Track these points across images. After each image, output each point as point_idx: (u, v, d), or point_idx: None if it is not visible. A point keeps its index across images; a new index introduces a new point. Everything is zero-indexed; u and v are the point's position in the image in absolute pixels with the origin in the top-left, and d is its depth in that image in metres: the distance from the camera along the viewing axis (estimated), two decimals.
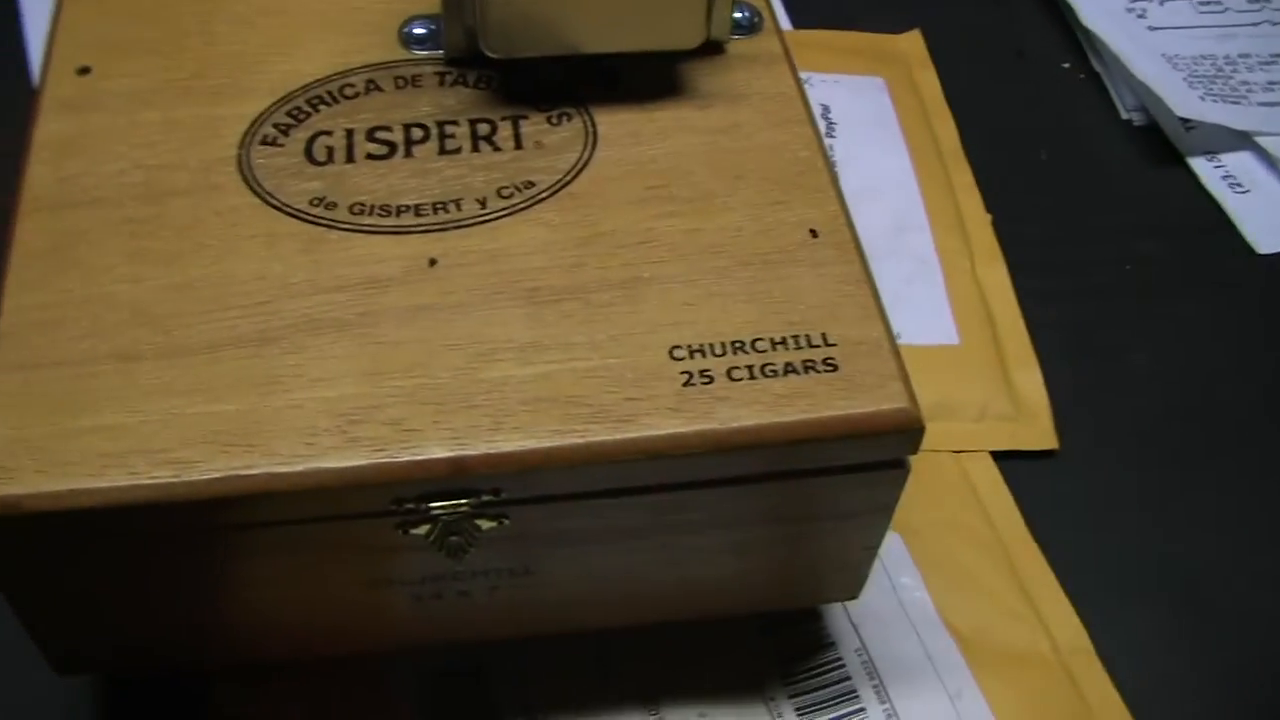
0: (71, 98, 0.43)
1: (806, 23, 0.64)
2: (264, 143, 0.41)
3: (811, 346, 0.37)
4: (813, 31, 0.63)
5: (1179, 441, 0.51)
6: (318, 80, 0.43)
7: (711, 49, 0.44)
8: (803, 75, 0.60)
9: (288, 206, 0.40)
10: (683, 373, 0.36)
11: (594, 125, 0.42)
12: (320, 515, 0.35)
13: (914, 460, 0.49)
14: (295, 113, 0.42)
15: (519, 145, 0.41)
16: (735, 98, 0.43)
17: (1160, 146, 0.61)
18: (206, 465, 0.34)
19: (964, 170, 0.58)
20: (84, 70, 0.43)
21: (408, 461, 0.35)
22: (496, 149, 0.41)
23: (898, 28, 0.64)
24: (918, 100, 0.60)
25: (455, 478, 0.35)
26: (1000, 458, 0.50)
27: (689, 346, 0.37)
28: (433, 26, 0.44)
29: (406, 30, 0.44)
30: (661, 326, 0.37)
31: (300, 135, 0.42)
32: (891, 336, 0.38)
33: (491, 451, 0.35)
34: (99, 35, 0.45)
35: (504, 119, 0.42)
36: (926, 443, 0.49)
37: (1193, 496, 0.50)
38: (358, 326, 0.37)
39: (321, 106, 0.42)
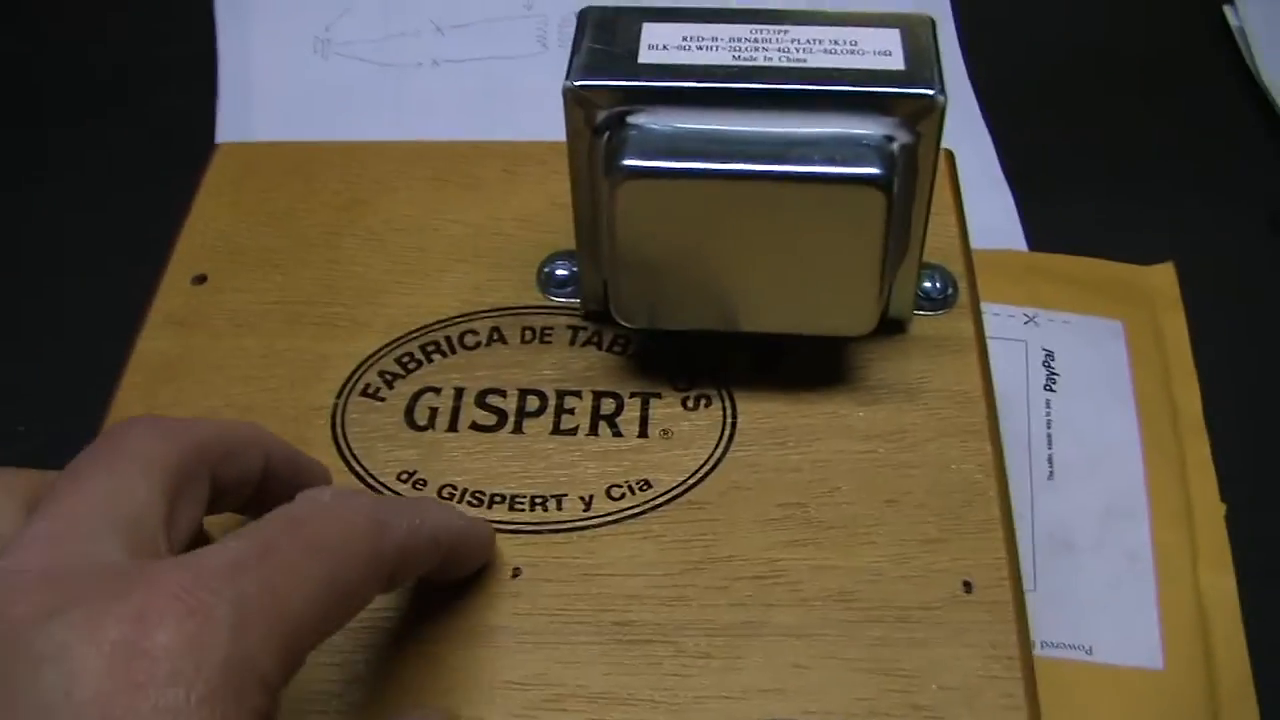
0: (180, 311, 0.40)
1: (1045, 243, 0.57)
2: (365, 394, 0.37)
3: None
4: (1050, 256, 0.56)
5: None
6: (439, 321, 0.39)
7: (891, 327, 0.38)
8: (1029, 311, 0.53)
9: (372, 477, 0.35)
10: None
11: (734, 414, 0.36)
12: None
13: None
14: (405, 360, 0.38)
15: (643, 432, 0.36)
16: (907, 393, 0.37)
17: None
18: None
19: (1201, 444, 0.49)
20: (200, 279, 0.40)
21: None
22: (617, 433, 0.36)
23: (1151, 255, 0.56)
24: (1160, 352, 0.52)
25: None
26: None
27: None
28: (575, 269, 0.39)
29: (547, 270, 0.40)
30: (760, 693, 0.31)
31: (405, 389, 0.37)
32: None
33: None
34: (225, 237, 0.42)
35: (633, 395, 0.37)
36: None
37: None
38: (414, 639, 0.32)
39: (436, 356, 0.38)
